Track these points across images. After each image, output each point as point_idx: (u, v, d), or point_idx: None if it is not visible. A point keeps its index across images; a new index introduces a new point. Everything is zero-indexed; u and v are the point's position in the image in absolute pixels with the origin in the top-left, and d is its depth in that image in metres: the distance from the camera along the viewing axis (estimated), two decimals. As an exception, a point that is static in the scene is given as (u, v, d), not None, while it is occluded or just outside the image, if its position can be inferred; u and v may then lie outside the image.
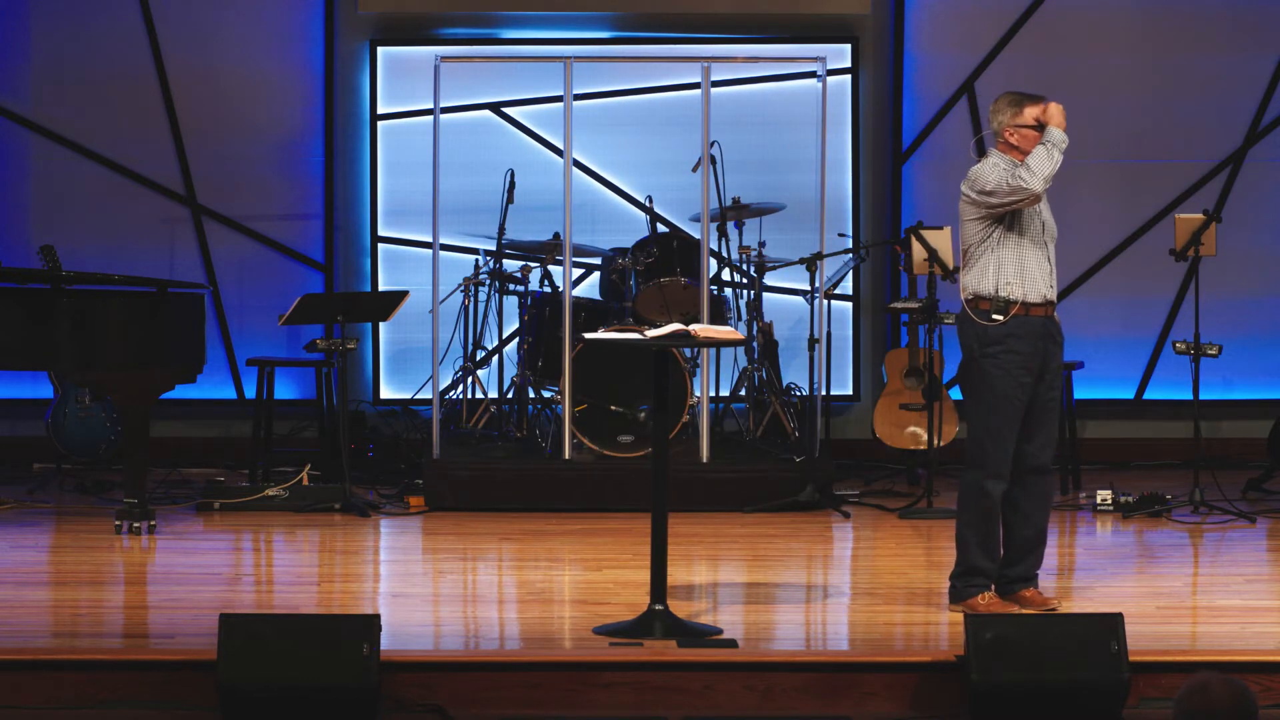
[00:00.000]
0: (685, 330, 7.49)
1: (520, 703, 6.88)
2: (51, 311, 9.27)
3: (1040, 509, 7.88)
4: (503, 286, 11.06)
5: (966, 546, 7.77)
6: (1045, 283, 7.82)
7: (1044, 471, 7.86)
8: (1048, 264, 7.85)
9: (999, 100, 7.99)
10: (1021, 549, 7.87)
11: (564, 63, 10.47)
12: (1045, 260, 7.84)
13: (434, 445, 10.43)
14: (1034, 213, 7.85)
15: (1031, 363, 7.76)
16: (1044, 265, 7.83)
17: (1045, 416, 7.82)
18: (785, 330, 11.46)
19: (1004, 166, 7.76)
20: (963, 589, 7.78)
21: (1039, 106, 7.85)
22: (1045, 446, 7.83)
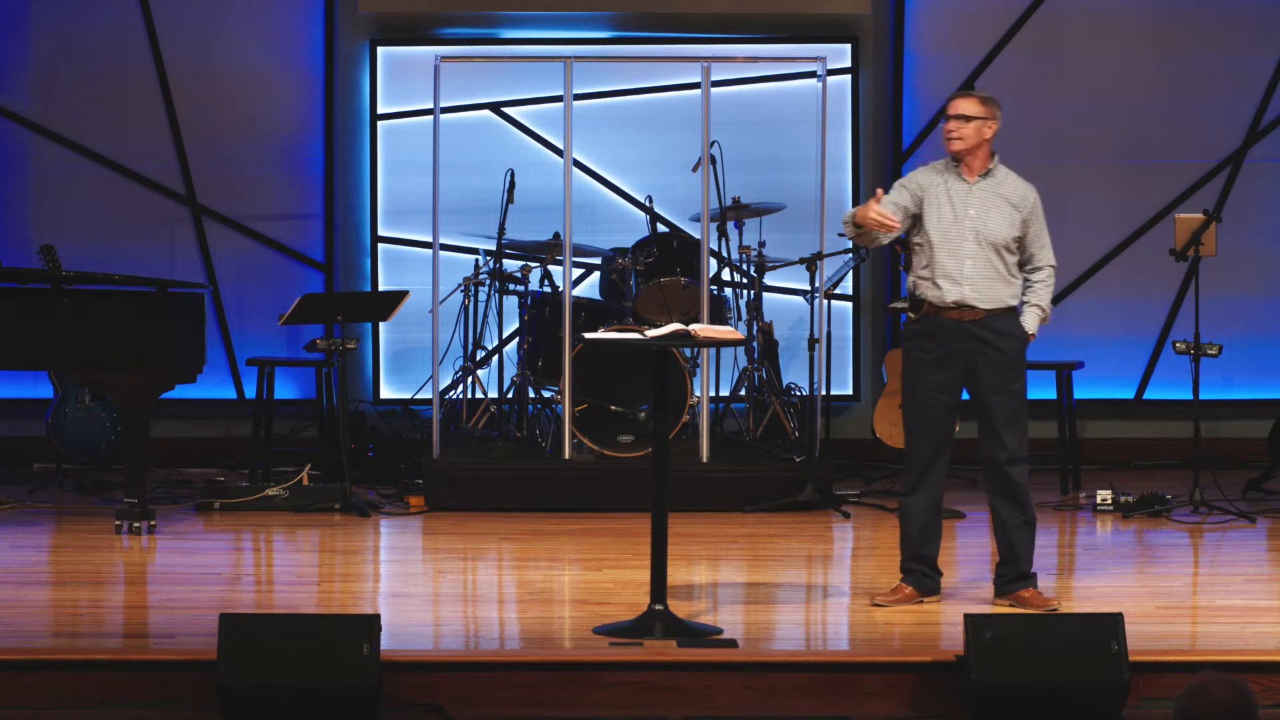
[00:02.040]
0: (685, 330, 7.49)
1: (520, 703, 6.88)
2: (51, 311, 9.27)
3: (1008, 505, 7.88)
4: (503, 286, 11.06)
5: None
6: (966, 285, 7.77)
7: (1002, 465, 7.82)
8: (970, 266, 7.77)
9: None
10: (1005, 548, 7.93)
11: (564, 63, 10.47)
12: (966, 263, 7.77)
13: (434, 445, 10.43)
14: (953, 217, 7.81)
15: (947, 363, 7.80)
16: (964, 268, 7.77)
17: (1001, 416, 7.78)
18: (785, 330, 11.46)
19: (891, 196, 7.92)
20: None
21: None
22: (1003, 446, 7.79)
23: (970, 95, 7.93)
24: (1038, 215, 7.87)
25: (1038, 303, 7.86)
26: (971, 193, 7.84)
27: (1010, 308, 7.82)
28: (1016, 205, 7.82)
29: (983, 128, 7.86)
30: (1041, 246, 7.87)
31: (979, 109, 7.87)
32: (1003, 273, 7.81)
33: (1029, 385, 7.95)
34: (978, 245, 7.79)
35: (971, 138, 7.85)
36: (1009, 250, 7.80)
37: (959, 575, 8.90)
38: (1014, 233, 7.80)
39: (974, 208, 7.81)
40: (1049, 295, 7.87)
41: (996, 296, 7.79)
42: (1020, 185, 7.88)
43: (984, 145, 7.87)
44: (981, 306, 7.79)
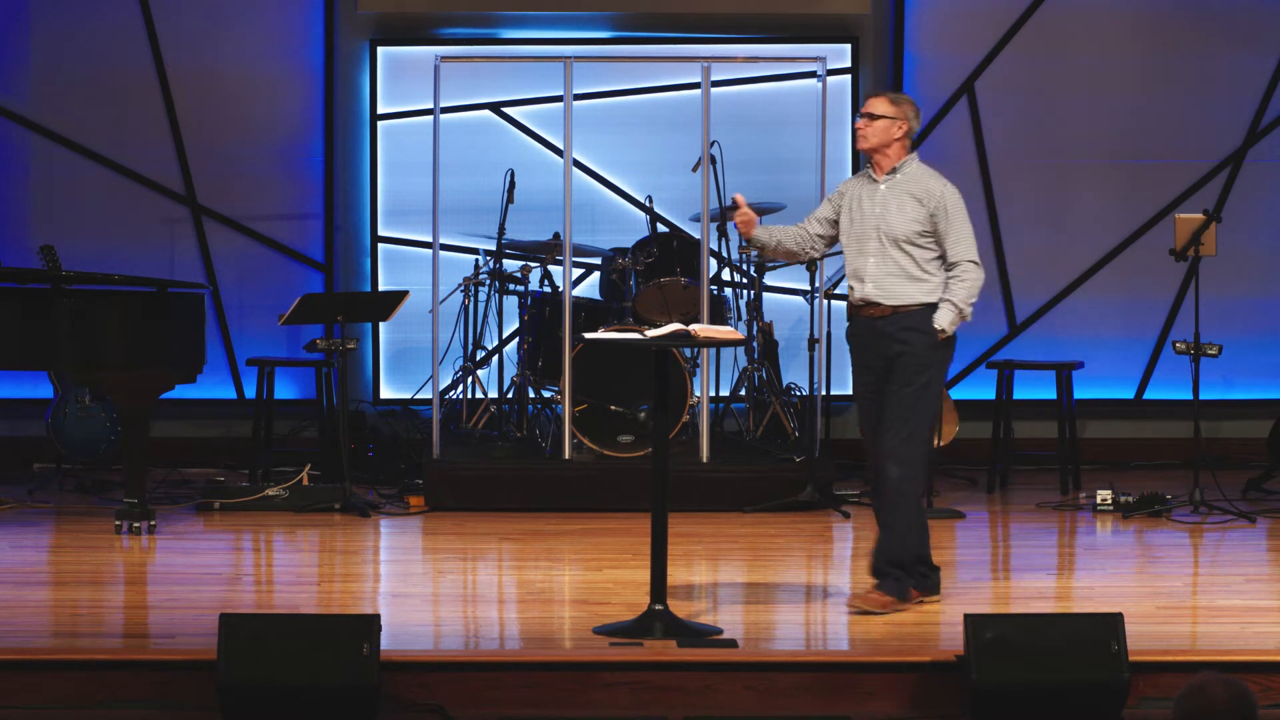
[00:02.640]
0: (685, 330, 7.49)
1: (520, 703, 6.88)
2: (51, 311, 9.27)
3: (878, 499, 7.95)
4: (503, 286, 11.06)
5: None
6: (869, 284, 7.78)
7: (881, 459, 7.85)
8: (872, 264, 7.77)
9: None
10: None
11: (564, 63, 10.47)
12: (869, 261, 7.78)
13: (434, 445, 10.43)
14: (861, 217, 7.82)
15: (869, 361, 7.85)
16: (867, 266, 7.79)
17: (890, 411, 7.77)
18: (785, 330, 11.46)
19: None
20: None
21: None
22: (885, 440, 7.81)
23: (882, 95, 7.90)
24: (948, 211, 7.73)
25: (950, 298, 7.71)
26: (878, 191, 7.82)
27: (925, 305, 7.74)
28: (922, 200, 7.74)
29: (891, 127, 7.80)
30: (956, 242, 7.73)
31: (888, 108, 7.82)
32: (910, 270, 7.75)
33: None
34: (879, 243, 7.77)
35: (876, 137, 7.81)
36: (915, 246, 7.73)
37: (959, 575, 8.90)
38: (916, 228, 7.72)
39: (879, 206, 7.80)
40: (967, 292, 7.70)
41: (903, 293, 7.75)
42: (932, 182, 7.79)
43: (894, 144, 7.81)
44: (887, 304, 7.76)
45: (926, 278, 7.76)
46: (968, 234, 7.77)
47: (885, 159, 7.83)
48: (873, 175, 7.86)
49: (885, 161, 7.83)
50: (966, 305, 7.74)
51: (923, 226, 7.74)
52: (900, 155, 7.83)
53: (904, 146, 7.84)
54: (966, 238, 7.76)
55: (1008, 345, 11.91)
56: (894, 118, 7.81)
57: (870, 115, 7.83)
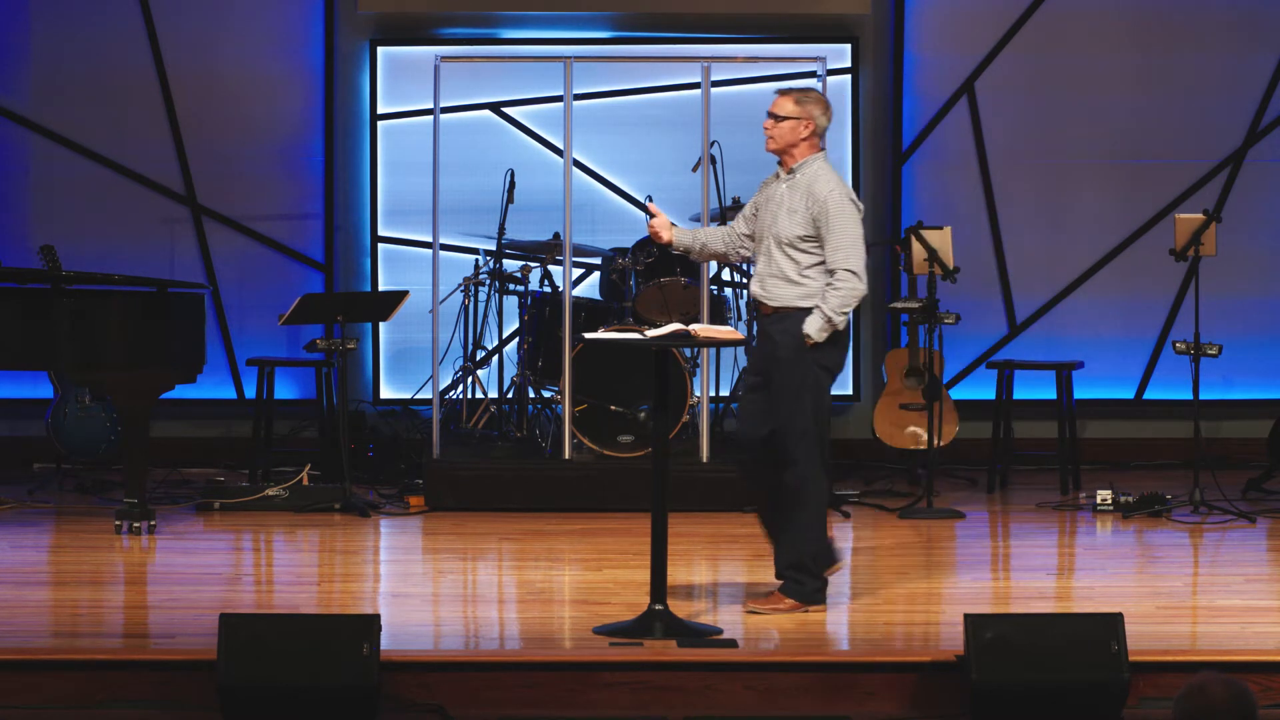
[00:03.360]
0: (685, 330, 7.49)
1: (520, 703, 6.88)
2: (51, 311, 9.27)
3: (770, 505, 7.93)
4: (503, 286, 11.06)
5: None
6: (755, 282, 7.78)
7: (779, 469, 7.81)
8: (761, 263, 7.76)
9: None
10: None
11: (564, 63, 10.47)
12: (760, 260, 7.78)
13: (434, 445, 10.43)
14: (764, 216, 7.81)
15: (755, 357, 7.85)
16: (758, 265, 7.79)
17: (775, 415, 7.74)
18: (785, 330, 11.44)
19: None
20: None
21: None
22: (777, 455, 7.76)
23: (789, 93, 7.81)
24: (829, 216, 7.61)
25: (822, 305, 7.61)
26: (779, 191, 7.79)
27: (800, 309, 7.66)
28: (808, 204, 7.67)
29: (797, 127, 7.74)
30: (834, 249, 7.60)
31: (793, 108, 7.76)
32: (790, 272, 7.68)
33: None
34: (769, 242, 7.74)
35: (782, 138, 7.76)
36: (797, 249, 7.66)
37: (959, 575, 8.91)
38: (800, 230, 7.65)
39: (775, 205, 7.77)
40: (840, 300, 7.57)
41: (781, 295, 7.70)
42: (821, 184, 7.68)
43: (799, 144, 7.75)
44: (769, 304, 7.73)
45: (805, 282, 7.67)
46: (849, 242, 7.63)
47: (790, 159, 7.77)
48: (779, 175, 7.83)
49: (790, 161, 7.77)
50: (838, 314, 7.59)
51: (805, 230, 7.65)
52: (806, 155, 7.76)
53: (812, 145, 7.77)
54: (848, 246, 7.62)
55: (1008, 345, 11.91)
56: (799, 117, 7.74)
57: (775, 116, 7.77)
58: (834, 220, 7.62)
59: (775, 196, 7.78)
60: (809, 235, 7.65)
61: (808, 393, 7.67)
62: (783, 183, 7.78)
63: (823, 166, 7.75)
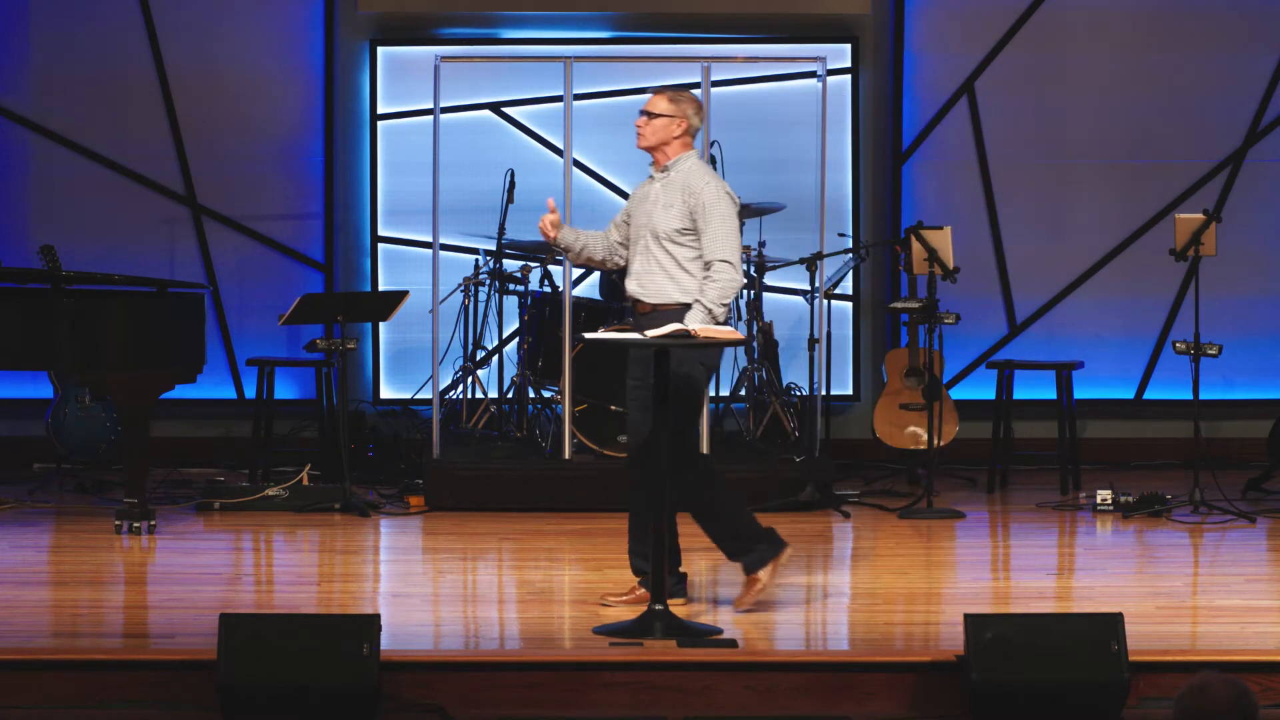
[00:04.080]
0: (685, 330, 7.49)
1: (520, 703, 6.88)
2: (51, 311, 9.27)
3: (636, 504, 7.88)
4: (503, 286, 11.06)
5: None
6: (633, 280, 7.77)
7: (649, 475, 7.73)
8: (638, 261, 7.75)
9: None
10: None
11: (564, 63, 10.47)
12: (637, 258, 7.76)
13: (434, 445, 10.43)
14: (639, 215, 7.79)
15: (637, 365, 7.80)
16: (634, 263, 7.78)
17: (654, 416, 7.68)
18: (785, 330, 11.46)
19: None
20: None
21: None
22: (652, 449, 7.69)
23: (663, 92, 7.81)
24: (705, 209, 7.61)
25: (701, 298, 7.61)
26: (654, 188, 7.78)
27: (681, 304, 7.66)
28: (685, 198, 7.67)
29: (670, 125, 7.74)
30: (712, 241, 7.61)
31: (667, 107, 7.76)
32: (668, 268, 7.69)
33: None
34: (646, 240, 7.73)
35: (654, 135, 7.75)
36: (676, 244, 7.66)
37: (959, 575, 8.92)
38: (676, 224, 7.65)
39: (650, 203, 7.77)
40: (719, 292, 7.57)
41: (661, 291, 7.70)
42: (698, 179, 7.69)
43: (672, 142, 7.75)
44: (647, 301, 7.73)
45: (684, 277, 7.68)
46: (726, 234, 7.63)
47: (663, 156, 7.77)
48: (653, 174, 7.82)
49: (662, 159, 7.77)
50: (718, 306, 7.60)
51: (683, 224, 7.65)
52: (678, 153, 7.76)
53: (684, 144, 7.77)
54: (724, 238, 7.63)
55: (1008, 345, 11.91)
56: (672, 115, 7.74)
57: (649, 114, 7.77)
58: (710, 213, 7.64)
59: (650, 195, 7.79)
60: (686, 228, 7.66)
61: (692, 385, 7.68)
62: (657, 181, 7.79)
63: (697, 163, 7.78)
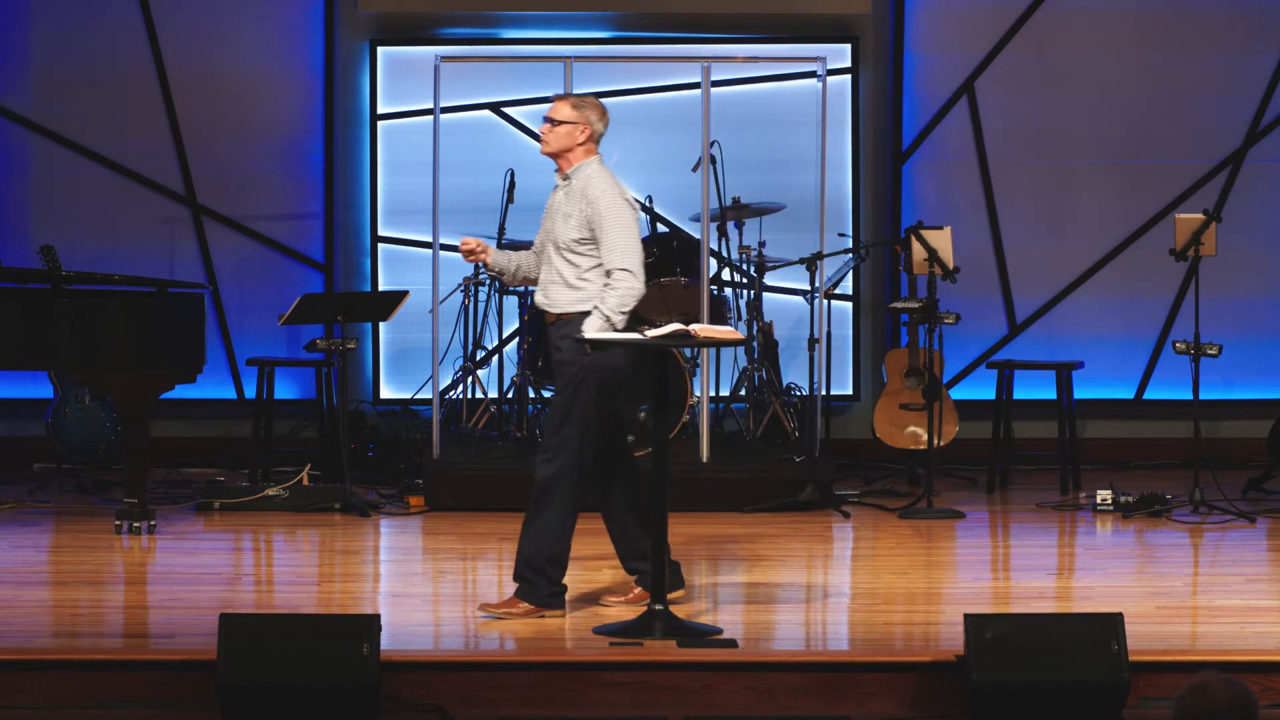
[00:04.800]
0: (685, 330, 7.49)
1: (520, 703, 6.88)
2: (51, 311, 9.27)
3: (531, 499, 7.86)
4: (503, 286, 11.06)
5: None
6: (539, 290, 7.75)
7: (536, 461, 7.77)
8: (544, 271, 7.73)
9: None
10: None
11: (564, 63, 10.47)
12: (542, 268, 7.74)
13: (434, 445, 10.43)
14: (544, 224, 7.78)
15: (548, 361, 7.75)
16: (540, 273, 7.75)
17: (549, 415, 7.68)
18: (785, 330, 11.46)
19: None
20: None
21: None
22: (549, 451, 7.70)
23: (566, 98, 7.77)
24: (602, 217, 7.57)
25: (600, 306, 7.58)
26: (557, 197, 7.76)
27: (581, 313, 7.62)
28: (582, 208, 7.64)
29: (574, 132, 7.70)
30: (611, 250, 7.56)
31: (570, 113, 7.72)
32: (569, 278, 7.66)
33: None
34: (550, 250, 7.71)
35: (557, 142, 7.71)
36: (576, 254, 7.63)
37: (959, 575, 8.92)
38: (575, 234, 7.61)
39: (553, 211, 7.75)
40: (618, 301, 7.52)
41: (561, 300, 7.68)
42: (594, 188, 7.63)
43: (575, 149, 7.71)
44: (552, 311, 7.71)
45: (584, 285, 7.64)
46: (624, 241, 7.58)
47: (566, 164, 7.73)
48: (557, 181, 7.80)
49: (565, 166, 7.73)
50: (616, 314, 7.55)
51: (580, 234, 7.61)
52: (581, 159, 7.72)
53: (588, 150, 7.73)
54: (622, 245, 7.58)
55: (1008, 345, 11.91)
56: (576, 122, 7.70)
57: (552, 120, 7.73)
58: (607, 221, 7.60)
59: (554, 204, 7.76)
60: (585, 238, 7.62)
61: (584, 400, 7.63)
62: (560, 189, 7.76)
63: (597, 170, 7.72)
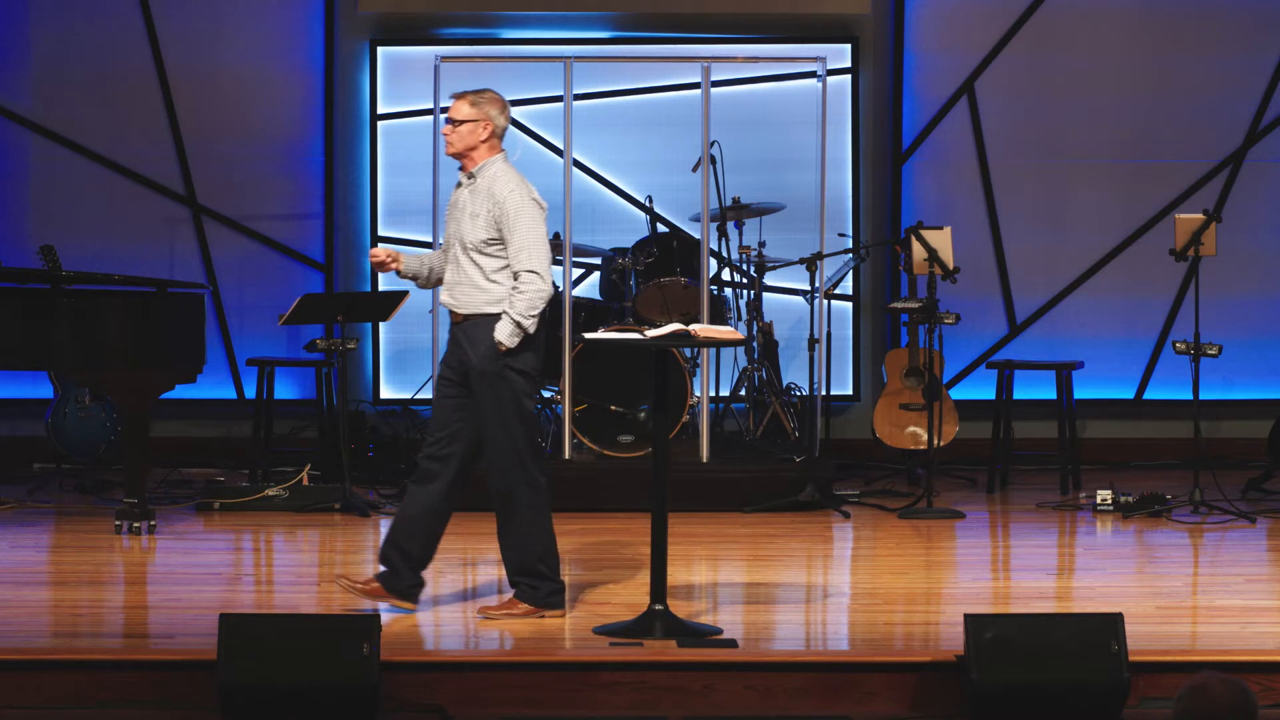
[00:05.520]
0: (685, 330, 7.49)
1: (520, 703, 6.88)
2: (51, 311, 9.27)
3: (499, 531, 7.81)
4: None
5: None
6: (445, 290, 7.67)
7: (490, 491, 7.72)
8: (450, 270, 7.65)
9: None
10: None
11: (564, 63, 10.47)
12: (449, 267, 7.66)
13: (434, 445, 10.41)
14: (449, 224, 7.71)
15: (451, 363, 7.68)
16: (447, 272, 7.67)
17: (480, 426, 7.65)
18: (785, 330, 11.46)
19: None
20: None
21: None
22: (488, 464, 7.68)
23: (464, 96, 7.71)
24: (509, 217, 7.50)
25: (509, 310, 7.51)
26: (463, 195, 7.68)
27: (490, 315, 7.55)
28: (490, 207, 7.56)
29: (476, 129, 7.64)
30: (518, 251, 7.49)
31: (470, 112, 7.66)
32: (476, 278, 7.59)
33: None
34: (457, 250, 7.64)
35: (461, 142, 7.65)
36: (483, 254, 7.56)
37: (959, 575, 8.92)
38: (483, 234, 7.53)
39: (459, 211, 7.67)
40: (526, 304, 7.47)
41: (470, 302, 7.60)
42: (501, 187, 7.55)
43: (480, 146, 7.65)
44: (460, 311, 7.63)
45: (492, 287, 7.57)
46: (531, 242, 7.51)
47: (470, 162, 7.66)
48: (461, 179, 7.73)
49: (470, 164, 7.66)
50: (526, 318, 7.50)
51: (489, 234, 7.54)
52: (486, 157, 7.66)
53: (491, 148, 7.66)
54: (529, 246, 7.50)
55: (1008, 345, 11.91)
56: (476, 119, 7.64)
57: (453, 120, 7.66)
58: (514, 221, 7.52)
59: (459, 203, 7.67)
60: (493, 238, 7.55)
61: (510, 404, 7.61)
62: (465, 188, 7.67)
63: (503, 168, 7.65)
